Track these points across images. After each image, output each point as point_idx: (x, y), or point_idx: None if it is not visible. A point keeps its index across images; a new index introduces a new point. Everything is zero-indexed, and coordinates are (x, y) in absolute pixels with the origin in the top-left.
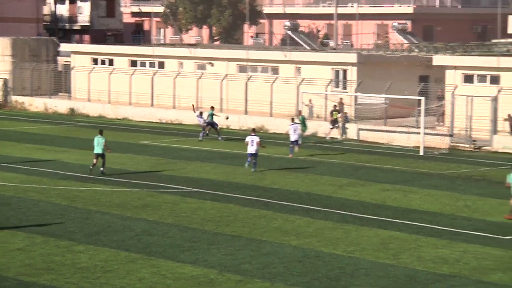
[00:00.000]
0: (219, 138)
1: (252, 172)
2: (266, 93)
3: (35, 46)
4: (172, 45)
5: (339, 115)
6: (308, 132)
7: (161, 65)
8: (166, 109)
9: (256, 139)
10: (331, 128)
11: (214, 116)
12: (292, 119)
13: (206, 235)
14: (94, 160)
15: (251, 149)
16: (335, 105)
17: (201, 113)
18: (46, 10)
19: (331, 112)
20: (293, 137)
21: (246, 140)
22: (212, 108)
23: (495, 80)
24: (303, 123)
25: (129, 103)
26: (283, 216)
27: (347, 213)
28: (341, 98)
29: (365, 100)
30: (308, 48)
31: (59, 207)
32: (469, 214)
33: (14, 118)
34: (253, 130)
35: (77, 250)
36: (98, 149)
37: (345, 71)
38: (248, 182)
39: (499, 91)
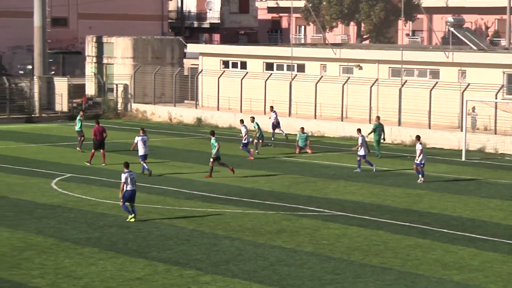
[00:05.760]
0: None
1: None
2: (423, 101)
3: (158, 46)
4: (314, 45)
5: None
6: (474, 147)
7: (301, 68)
8: (306, 119)
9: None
10: None
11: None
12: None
13: (352, 266)
14: (297, 151)
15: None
16: None
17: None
18: (171, 6)
19: None
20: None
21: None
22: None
23: None
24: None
25: (263, 112)
26: (442, 246)
27: None
28: None
29: None
30: (474, 47)
31: (183, 231)
32: None
33: (134, 129)
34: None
35: (203, 281)
36: (301, 142)
37: None
38: (401, 205)
39: None
